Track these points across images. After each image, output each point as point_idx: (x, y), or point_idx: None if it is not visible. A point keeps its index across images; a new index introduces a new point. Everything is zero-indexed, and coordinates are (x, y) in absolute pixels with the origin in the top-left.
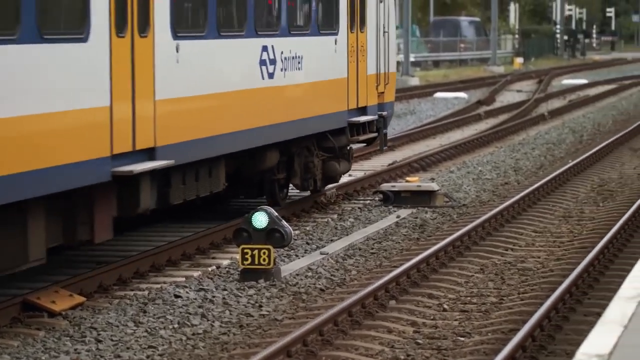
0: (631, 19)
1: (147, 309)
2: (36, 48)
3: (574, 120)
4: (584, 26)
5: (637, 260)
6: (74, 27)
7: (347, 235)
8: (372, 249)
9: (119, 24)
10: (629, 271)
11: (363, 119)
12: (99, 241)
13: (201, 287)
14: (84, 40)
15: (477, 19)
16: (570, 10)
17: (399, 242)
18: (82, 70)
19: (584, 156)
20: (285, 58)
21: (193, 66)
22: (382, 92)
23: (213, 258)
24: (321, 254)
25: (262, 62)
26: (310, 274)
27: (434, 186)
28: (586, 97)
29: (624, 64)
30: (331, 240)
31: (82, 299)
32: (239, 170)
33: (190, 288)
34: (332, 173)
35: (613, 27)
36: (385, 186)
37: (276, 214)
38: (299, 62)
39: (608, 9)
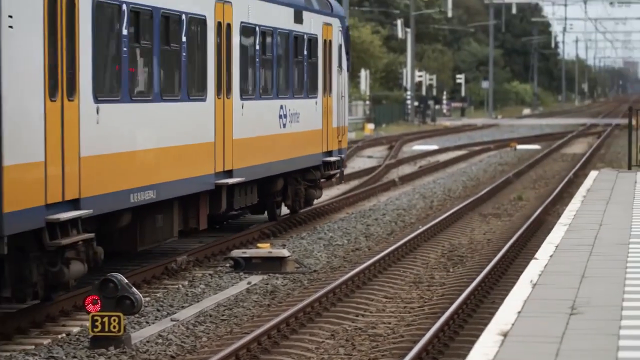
0: (481, 86)
1: None
2: (187, 104)
3: (424, 186)
4: (435, 92)
5: (487, 325)
6: (199, 92)
7: (198, 301)
8: (223, 315)
9: (218, 91)
10: (478, 336)
11: (332, 159)
12: (202, 228)
13: (51, 354)
14: (204, 100)
15: None
16: (420, 76)
17: (250, 309)
18: (203, 118)
19: (434, 222)
20: (291, 114)
21: (251, 116)
22: (340, 140)
23: (63, 325)
24: (172, 320)
25: (280, 116)
26: (160, 340)
27: (284, 252)
28: (436, 163)
29: (474, 130)
30: (182, 307)
31: None
32: (259, 192)
33: (40, 356)
34: (311, 197)
35: (463, 94)
36: (236, 252)
37: (126, 281)
38: (297, 117)
39: (458, 76)
